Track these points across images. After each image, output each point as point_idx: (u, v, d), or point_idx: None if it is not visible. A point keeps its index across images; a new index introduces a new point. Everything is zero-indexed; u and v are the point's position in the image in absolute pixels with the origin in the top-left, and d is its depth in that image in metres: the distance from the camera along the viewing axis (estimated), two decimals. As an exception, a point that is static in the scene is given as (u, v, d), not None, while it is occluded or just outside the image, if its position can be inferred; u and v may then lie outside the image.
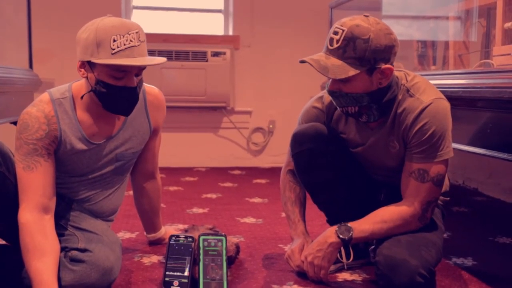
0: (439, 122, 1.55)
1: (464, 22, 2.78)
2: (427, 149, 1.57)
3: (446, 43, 2.84)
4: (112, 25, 1.50)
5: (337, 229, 1.61)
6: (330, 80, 1.58)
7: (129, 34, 1.50)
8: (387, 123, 1.63)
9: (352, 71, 1.50)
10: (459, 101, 1.79)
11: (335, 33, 1.53)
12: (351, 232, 1.59)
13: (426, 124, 1.55)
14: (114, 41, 1.48)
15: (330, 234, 1.62)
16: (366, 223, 1.61)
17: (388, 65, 1.53)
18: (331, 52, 1.53)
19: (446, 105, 1.58)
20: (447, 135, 1.57)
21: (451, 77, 2.01)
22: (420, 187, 1.59)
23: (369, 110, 1.59)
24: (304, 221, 1.82)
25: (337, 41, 1.52)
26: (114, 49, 1.48)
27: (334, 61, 1.52)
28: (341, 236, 1.60)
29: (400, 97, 1.61)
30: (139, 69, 1.56)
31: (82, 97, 1.60)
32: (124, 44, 1.49)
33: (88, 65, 1.54)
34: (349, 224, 1.61)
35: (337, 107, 1.64)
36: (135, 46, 1.51)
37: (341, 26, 1.52)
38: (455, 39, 2.78)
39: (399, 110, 1.60)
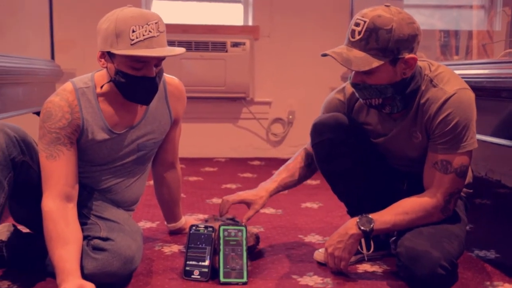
0: (463, 113, 1.53)
1: (488, 11, 2.74)
2: (451, 140, 1.55)
3: (470, 33, 2.79)
4: (131, 15, 1.50)
5: (358, 220, 1.60)
6: (353, 72, 1.56)
7: (148, 25, 1.51)
8: (410, 114, 1.61)
9: (375, 63, 1.48)
10: (482, 91, 1.76)
11: (357, 24, 1.51)
12: (372, 224, 1.58)
13: (450, 115, 1.53)
14: (133, 31, 1.49)
15: (351, 225, 1.61)
16: (388, 214, 1.60)
17: (411, 55, 1.51)
18: (353, 44, 1.51)
19: (471, 95, 1.56)
20: (471, 126, 1.55)
21: (475, 67, 1.98)
22: (443, 178, 1.57)
23: (393, 102, 1.57)
24: (280, 186, 1.83)
25: (359, 32, 1.50)
26: (133, 40, 1.49)
27: (357, 53, 1.50)
28: (362, 228, 1.59)
29: (423, 87, 1.58)
30: (158, 60, 1.56)
31: (102, 87, 1.61)
32: (143, 35, 1.50)
33: (108, 56, 1.55)
34: (370, 215, 1.60)
35: (360, 99, 1.62)
36: (154, 36, 1.51)
37: (363, 17, 1.50)
38: (478, 28, 2.74)
39: (422, 101, 1.58)
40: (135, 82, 1.55)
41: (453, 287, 1.57)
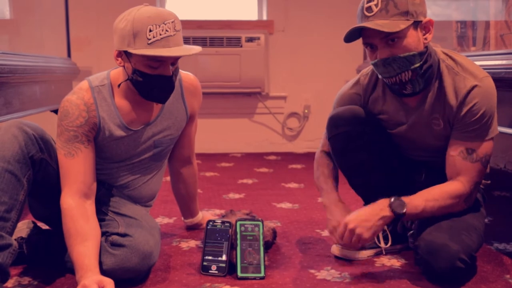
0: (488, 102, 1.53)
1: (506, 1, 2.69)
2: (477, 129, 1.54)
3: (487, 23, 2.76)
4: (148, 15, 1.51)
5: (391, 202, 1.55)
6: (378, 51, 1.53)
7: (165, 24, 1.51)
8: (428, 100, 1.60)
9: (402, 25, 1.48)
10: (501, 82, 1.74)
11: (370, 0, 1.51)
12: (405, 208, 1.53)
13: (476, 105, 1.52)
14: (150, 31, 1.50)
15: (383, 207, 1.55)
16: (418, 199, 1.56)
17: (428, 18, 1.53)
18: (373, 17, 1.50)
19: (492, 82, 1.56)
20: (495, 114, 1.55)
21: (493, 58, 1.95)
22: (469, 167, 1.56)
23: (416, 77, 1.54)
24: (337, 191, 1.77)
25: (376, 5, 1.50)
26: (150, 39, 1.50)
27: (381, 22, 1.49)
28: (395, 211, 1.53)
29: (443, 73, 1.57)
30: (174, 59, 1.57)
31: (119, 86, 1.63)
32: (160, 34, 1.50)
33: (125, 55, 1.56)
34: (403, 198, 1.55)
35: (386, 80, 1.58)
36: (170, 36, 1.52)
37: None
38: (496, 18, 2.70)
39: (446, 88, 1.57)
40: (152, 80, 1.56)
41: (473, 280, 1.56)
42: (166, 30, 1.51)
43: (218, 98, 4.00)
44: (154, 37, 1.50)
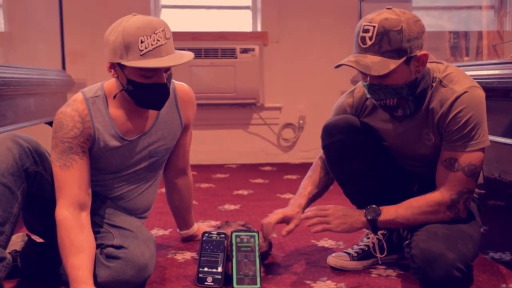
0: (474, 110, 1.52)
1: (498, 11, 2.72)
2: (461, 138, 1.54)
3: (480, 33, 2.78)
4: (138, 26, 1.51)
5: (367, 208, 1.62)
6: (368, 76, 1.55)
7: (156, 34, 1.52)
8: (418, 115, 1.61)
9: (392, 65, 1.47)
10: (494, 92, 1.75)
11: (366, 31, 1.50)
12: (378, 214, 1.59)
13: (461, 112, 1.52)
14: (142, 42, 1.50)
15: (361, 212, 1.63)
16: (393, 207, 1.61)
17: (423, 52, 1.51)
18: (366, 50, 1.50)
19: (481, 93, 1.55)
20: (483, 123, 1.54)
21: (485, 67, 1.97)
22: (449, 176, 1.56)
23: (406, 103, 1.56)
24: (309, 200, 1.77)
25: (370, 38, 1.49)
26: (142, 51, 1.50)
27: (372, 58, 1.49)
28: (368, 216, 1.60)
29: (433, 89, 1.58)
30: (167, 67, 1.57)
31: (114, 97, 1.63)
32: (152, 44, 1.51)
33: (118, 67, 1.56)
34: (380, 207, 1.61)
35: (374, 101, 1.61)
36: (162, 45, 1.52)
37: (370, 22, 1.49)
38: (488, 29, 2.73)
39: (433, 102, 1.58)
40: (146, 89, 1.57)
41: (469, 290, 1.56)
42: (158, 40, 1.52)
43: (213, 109, 4.01)
44: (146, 47, 1.50)
